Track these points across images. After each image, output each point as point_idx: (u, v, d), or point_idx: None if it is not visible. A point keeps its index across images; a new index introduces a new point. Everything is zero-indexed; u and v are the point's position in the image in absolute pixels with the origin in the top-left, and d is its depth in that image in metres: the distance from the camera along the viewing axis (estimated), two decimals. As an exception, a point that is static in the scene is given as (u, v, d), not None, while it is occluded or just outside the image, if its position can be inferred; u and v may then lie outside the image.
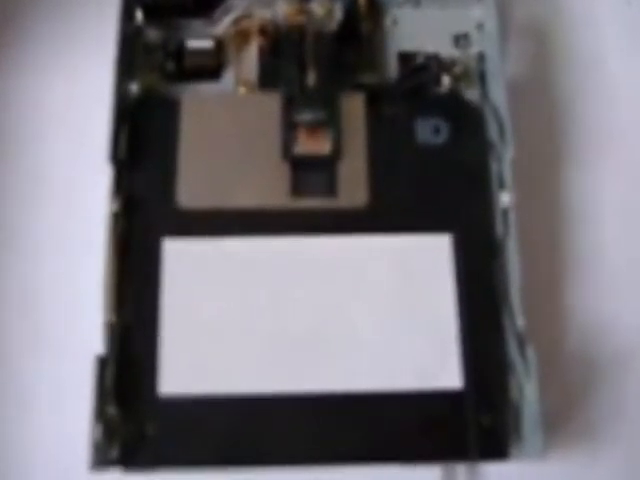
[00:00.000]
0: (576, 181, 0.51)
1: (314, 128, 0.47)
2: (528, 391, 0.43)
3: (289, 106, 0.47)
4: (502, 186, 0.46)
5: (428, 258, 0.45)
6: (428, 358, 0.44)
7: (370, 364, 0.44)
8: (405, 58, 0.50)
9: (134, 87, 0.48)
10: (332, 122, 0.47)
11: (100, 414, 0.42)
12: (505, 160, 0.46)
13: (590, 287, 0.49)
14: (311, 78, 0.47)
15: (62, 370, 0.46)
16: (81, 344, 0.44)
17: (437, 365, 0.44)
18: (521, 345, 0.44)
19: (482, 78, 0.50)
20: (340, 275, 0.45)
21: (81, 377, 0.42)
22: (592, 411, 0.47)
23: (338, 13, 0.49)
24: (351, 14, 0.49)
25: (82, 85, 0.51)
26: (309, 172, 0.46)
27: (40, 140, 0.51)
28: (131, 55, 0.48)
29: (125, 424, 0.42)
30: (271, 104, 0.47)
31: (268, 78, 0.48)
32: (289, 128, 0.47)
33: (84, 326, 0.45)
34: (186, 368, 0.43)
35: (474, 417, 0.43)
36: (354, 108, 0.47)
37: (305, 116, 0.47)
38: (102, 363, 0.42)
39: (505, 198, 0.46)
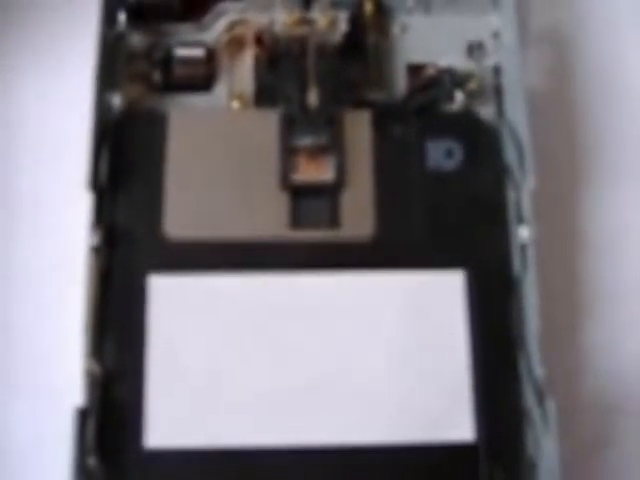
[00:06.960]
0: (598, 208, 0.47)
1: (315, 153, 0.43)
2: (546, 446, 0.40)
3: (288, 128, 0.43)
4: (520, 219, 0.42)
5: (439, 297, 0.42)
6: (438, 408, 0.40)
7: (375, 414, 0.40)
8: (414, 70, 0.46)
9: (116, 99, 0.44)
10: (335, 146, 0.43)
11: (81, 469, 0.38)
12: (524, 190, 0.42)
13: (611, 328, 0.45)
14: (312, 97, 0.43)
15: (39, 421, 0.43)
16: (59, 393, 0.40)
17: (448, 416, 0.40)
18: (539, 396, 0.40)
19: (498, 93, 0.46)
20: (342, 316, 0.41)
21: (60, 429, 0.39)
22: (612, 467, 0.43)
23: (342, 23, 0.44)
24: (356, 23, 0.45)
25: (57, 97, 0.47)
26: (310, 201, 0.42)
27: (9, 159, 0.46)
28: (113, 63, 0.44)
29: (108, 480, 0.39)
30: (268, 124, 0.43)
31: (265, 93, 0.44)
32: (288, 153, 0.43)
33: (62, 373, 0.41)
34: (174, 419, 0.40)
35: (487, 472, 0.40)
36: (359, 129, 0.43)
37: (306, 140, 0.43)
38: (83, 415, 0.39)
39: (524, 233, 0.42)
